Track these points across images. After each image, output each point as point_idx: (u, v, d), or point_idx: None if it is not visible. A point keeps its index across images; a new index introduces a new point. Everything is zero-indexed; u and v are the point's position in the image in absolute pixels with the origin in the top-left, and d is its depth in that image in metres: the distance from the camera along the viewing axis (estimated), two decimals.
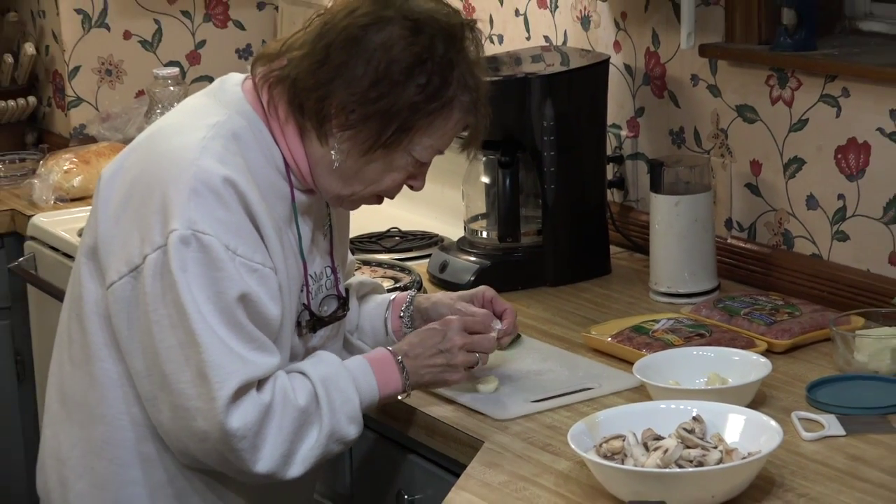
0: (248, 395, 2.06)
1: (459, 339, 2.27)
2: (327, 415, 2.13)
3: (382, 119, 2.11)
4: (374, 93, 2.10)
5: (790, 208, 2.81)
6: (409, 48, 2.10)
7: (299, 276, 2.21)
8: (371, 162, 2.16)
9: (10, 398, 3.75)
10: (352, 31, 2.11)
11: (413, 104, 2.11)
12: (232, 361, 2.04)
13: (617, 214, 3.09)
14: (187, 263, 2.04)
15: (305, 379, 2.14)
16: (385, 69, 2.10)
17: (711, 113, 2.93)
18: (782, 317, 2.58)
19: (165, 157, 2.12)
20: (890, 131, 2.61)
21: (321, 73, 2.11)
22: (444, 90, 2.13)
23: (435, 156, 2.21)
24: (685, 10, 2.82)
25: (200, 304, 2.04)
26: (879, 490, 2.01)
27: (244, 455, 2.07)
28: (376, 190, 2.21)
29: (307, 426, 2.12)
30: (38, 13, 4.11)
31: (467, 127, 2.21)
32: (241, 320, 2.07)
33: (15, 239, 3.65)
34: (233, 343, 2.05)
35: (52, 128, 4.14)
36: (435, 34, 2.12)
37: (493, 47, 3.38)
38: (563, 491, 2.05)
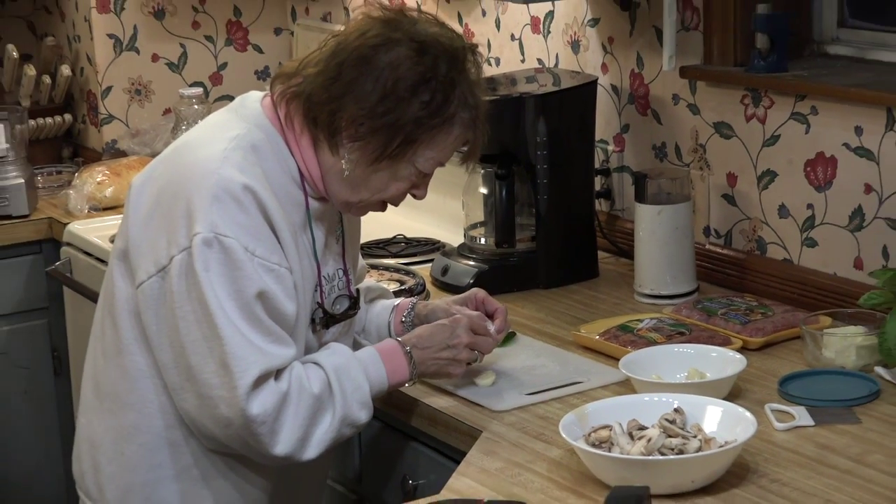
0: (266, 384, 2.07)
1: (466, 337, 2.29)
2: (340, 401, 2.13)
3: (389, 132, 2.12)
4: (382, 107, 2.10)
5: (763, 217, 2.81)
6: (414, 67, 2.11)
7: (313, 276, 2.21)
8: (378, 171, 2.16)
9: (48, 390, 3.75)
10: (363, 51, 2.12)
11: (417, 119, 2.12)
12: (252, 353, 2.05)
13: (604, 222, 3.10)
14: (210, 263, 2.05)
15: (319, 368, 2.14)
16: (392, 86, 2.10)
17: (691, 129, 2.93)
18: (756, 317, 2.58)
19: (190, 168, 2.12)
20: (855, 146, 2.61)
21: (334, 88, 2.12)
22: (446, 107, 2.13)
23: (436, 168, 2.21)
24: (667, 35, 2.83)
25: (222, 300, 2.05)
26: (845, 476, 2.02)
27: (264, 439, 2.07)
28: (382, 197, 2.21)
29: (321, 412, 2.12)
30: (73, 38, 4.11)
31: (467, 142, 2.21)
32: (259, 315, 2.07)
33: (52, 245, 3.65)
34: (252, 336, 2.06)
35: (87, 143, 4.15)
36: (439, 55, 2.13)
37: (491, 69, 3.38)
38: (555, 476, 2.05)
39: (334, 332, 2.28)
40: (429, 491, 2.18)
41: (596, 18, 3.11)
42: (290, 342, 2.13)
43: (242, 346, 2.05)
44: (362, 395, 2.16)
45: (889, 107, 2.53)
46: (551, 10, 3.21)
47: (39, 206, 3.75)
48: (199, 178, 2.09)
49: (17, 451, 3.73)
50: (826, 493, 1.97)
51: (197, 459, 2.18)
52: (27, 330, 3.71)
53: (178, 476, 2.19)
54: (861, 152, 2.60)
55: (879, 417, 2.21)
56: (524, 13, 3.28)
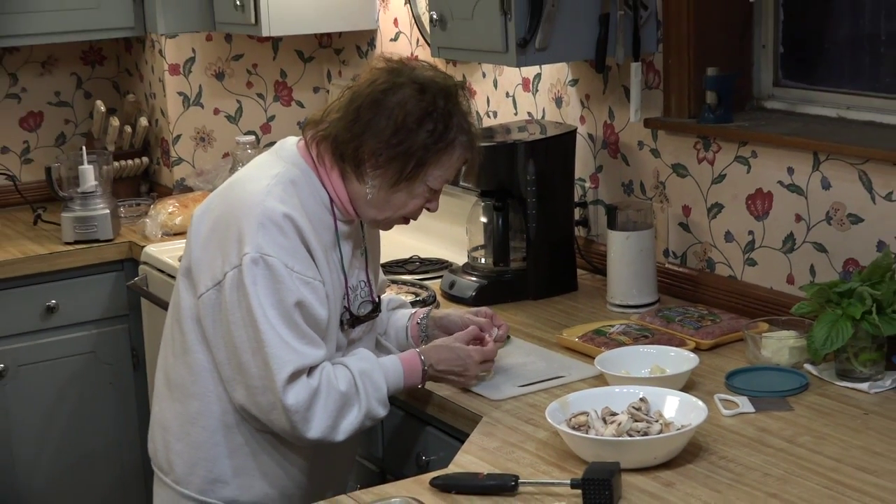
0: (300, 380, 2.07)
1: (474, 370, 2.30)
2: (364, 399, 2.14)
3: (403, 158, 2.13)
4: (395, 139, 2.12)
5: (712, 241, 2.81)
6: (418, 104, 2.13)
7: (341, 286, 2.21)
8: (397, 192, 2.17)
9: (128, 382, 3.75)
10: (375, 96, 2.14)
11: (425, 145, 2.13)
12: (288, 353, 2.06)
13: (582, 246, 3.09)
14: (256, 278, 2.06)
15: (346, 370, 2.15)
16: (402, 121, 2.12)
17: (653, 170, 2.93)
18: (706, 323, 2.58)
19: (240, 200, 2.13)
20: (787, 183, 2.60)
21: (355, 128, 2.13)
22: (448, 133, 2.15)
23: (444, 185, 2.22)
24: (633, 93, 2.83)
25: (265, 308, 2.06)
26: (780, 453, 2.01)
27: (298, 425, 2.08)
28: (403, 213, 2.22)
29: (348, 406, 2.12)
30: (150, 95, 4.12)
31: (467, 160, 2.22)
32: (296, 321, 2.08)
33: (132, 263, 3.66)
34: (289, 339, 2.06)
35: (160, 180, 4.15)
36: (436, 93, 2.14)
37: (489, 120, 3.38)
38: (542, 454, 2.05)
39: (359, 331, 2.28)
40: (439, 465, 2.17)
41: (575, 79, 3.11)
42: (322, 344, 2.13)
43: (280, 348, 2.06)
44: (381, 395, 2.17)
45: (815, 151, 2.53)
46: (539, 73, 3.21)
47: (122, 232, 3.76)
48: (247, 209, 2.10)
49: (103, 430, 3.73)
50: (764, 468, 1.96)
51: (247, 439, 2.18)
52: (111, 333, 3.71)
53: (231, 453, 2.19)
54: (792, 188, 2.60)
55: (808, 405, 2.21)
56: (517, 75, 3.28)
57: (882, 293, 2.26)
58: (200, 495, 2.21)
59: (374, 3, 3.78)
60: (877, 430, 2.08)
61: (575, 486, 1.87)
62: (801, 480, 1.91)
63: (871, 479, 1.90)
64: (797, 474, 1.93)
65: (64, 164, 3.71)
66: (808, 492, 1.87)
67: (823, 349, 2.25)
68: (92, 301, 3.68)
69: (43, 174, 3.86)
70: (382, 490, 1.98)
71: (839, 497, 1.85)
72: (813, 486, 1.89)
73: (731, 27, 2.80)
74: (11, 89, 4.15)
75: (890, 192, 2.40)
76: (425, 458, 2.40)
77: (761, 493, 1.88)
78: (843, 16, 2.71)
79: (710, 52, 2.77)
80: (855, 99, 2.65)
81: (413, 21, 3.64)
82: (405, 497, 1.91)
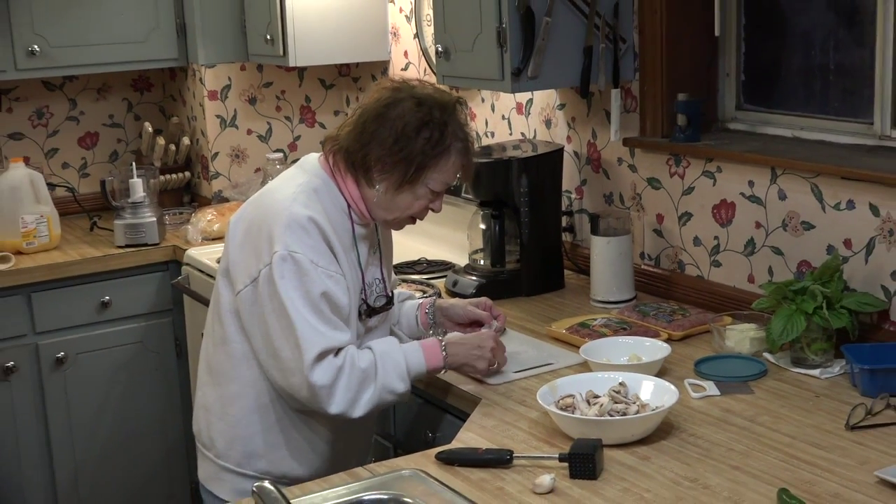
0: (326, 359, 2.07)
1: (491, 342, 2.27)
2: (381, 374, 2.12)
3: (405, 163, 2.12)
4: (397, 147, 2.11)
5: (683, 245, 2.80)
6: (415, 115, 2.11)
7: (359, 281, 2.20)
8: (402, 194, 2.16)
9: (172, 369, 3.75)
10: (379, 110, 2.13)
11: (423, 151, 2.12)
12: (315, 336, 2.05)
13: (569, 249, 3.08)
14: (285, 273, 2.06)
15: (370, 351, 2.14)
16: (402, 130, 2.11)
17: (631, 183, 2.92)
18: (678, 317, 2.57)
19: (269, 207, 2.13)
20: (748, 195, 2.60)
21: (362, 139, 2.13)
22: (443, 140, 2.13)
23: (444, 188, 2.18)
24: (614, 116, 2.83)
25: (294, 299, 2.06)
26: (742, 431, 2.01)
27: (323, 400, 2.07)
28: (409, 213, 2.20)
29: (367, 381, 2.11)
30: (191, 117, 4.12)
31: (464, 165, 2.19)
32: (322, 308, 2.07)
33: (176, 265, 3.65)
34: (316, 324, 2.06)
35: (200, 192, 4.15)
36: (433, 106, 2.13)
37: (487, 139, 3.38)
38: (534, 431, 2.04)
39: (375, 320, 2.27)
40: (443, 441, 2.17)
41: (563, 104, 3.10)
42: (346, 329, 2.12)
43: (308, 331, 2.05)
44: (400, 370, 2.14)
45: (773, 167, 2.52)
46: (531, 98, 3.20)
47: (167, 237, 3.75)
48: (275, 214, 2.10)
49: (149, 411, 3.73)
50: (728, 444, 1.96)
51: (279, 419, 2.18)
52: (157, 325, 3.71)
53: (264, 430, 2.19)
54: (753, 199, 2.59)
55: (767, 389, 2.20)
56: (511, 100, 3.27)
57: (831, 291, 2.26)
58: (238, 467, 2.21)
59: (386, 37, 3.78)
60: (827, 411, 2.08)
61: (563, 460, 1.86)
62: (761, 455, 1.91)
63: (822, 454, 1.90)
64: (757, 449, 1.93)
65: (116, 178, 3.71)
66: (766, 465, 1.87)
67: (780, 340, 2.25)
68: (140, 297, 3.68)
69: (98, 187, 3.86)
70: (394, 463, 1.98)
71: (794, 469, 1.85)
72: (771, 460, 1.88)
73: (698, 58, 2.79)
74: (71, 112, 4.15)
75: (838, 203, 2.40)
76: (432, 435, 2.39)
77: (726, 465, 1.87)
78: (797, 48, 2.71)
79: (681, 79, 2.77)
80: (808, 121, 2.65)
81: (421, 53, 3.64)
82: (414, 469, 1.91)
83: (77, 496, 3.64)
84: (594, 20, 2.72)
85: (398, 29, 3.74)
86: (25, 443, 3.55)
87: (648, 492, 1.79)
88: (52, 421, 3.57)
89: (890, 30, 2.40)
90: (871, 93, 2.48)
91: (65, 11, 3.72)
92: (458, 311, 2.42)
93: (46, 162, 4.11)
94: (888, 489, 1.75)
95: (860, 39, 2.53)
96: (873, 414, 1.99)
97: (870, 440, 1.93)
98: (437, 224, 3.46)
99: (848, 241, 2.38)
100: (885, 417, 1.99)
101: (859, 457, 1.87)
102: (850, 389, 2.17)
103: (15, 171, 3.59)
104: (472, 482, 1.86)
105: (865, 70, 2.51)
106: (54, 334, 3.55)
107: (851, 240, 2.38)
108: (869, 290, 2.33)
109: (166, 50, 3.89)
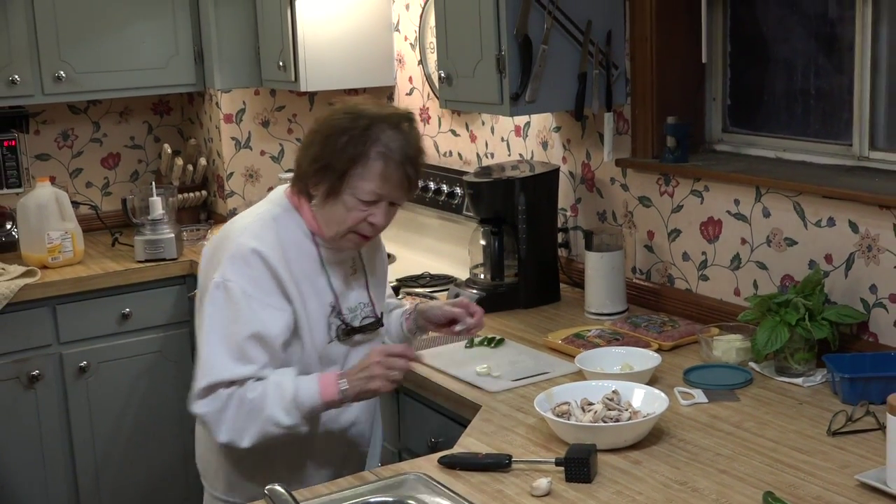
0: (217, 391, 1.97)
1: (378, 369, 2.03)
2: (269, 406, 1.97)
3: (326, 172, 2.01)
4: (319, 156, 2.02)
5: (672, 260, 2.80)
6: (339, 124, 2.01)
7: (327, 306, 2.08)
8: (332, 205, 2.03)
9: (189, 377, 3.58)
10: (317, 128, 2.05)
11: (340, 157, 2.00)
12: (216, 366, 1.96)
13: (564, 264, 3.08)
14: (215, 299, 1.99)
15: (264, 381, 1.99)
16: (323, 139, 2.02)
17: (623, 201, 2.92)
18: (667, 328, 2.57)
19: (226, 236, 2.09)
20: (734, 213, 2.59)
21: (300, 157, 2.07)
22: (360, 146, 1.99)
23: (372, 197, 2.02)
24: (607, 137, 2.83)
25: (213, 326, 1.98)
26: (729, 436, 2.00)
27: (211, 429, 1.99)
28: (346, 226, 2.04)
29: (254, 413, 1.97)
30: (208, 139, 4.13)
31: (384, 175, 2.01)
32: (238, 340, 1.97)
33: (192, 278, 3.64)
34: (223, 353, 1.97)
35: (216, 210, 4.15)
36: (363, 116, 2.01)
37: (487, 160, 3.38)
38: (531, 437, 2.04)
39: (359, 338, 2.15)
40: (445, 446, 2.16)
41: (559, 126, 3.10)
42: (257, 360, 1.98)
43: (211, 360, 1.97)
44: (286, 403, 1.97)
45: (757, 186, 2.52)
46: (528, 121, 3.21)
47: (184, 252, 3.75)
48: (227, 243, 2.05)
49: (167, 416, 3.71)
50: (715, 449, 1.95)
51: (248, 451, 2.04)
52: (175, 336, 3.70)
53: (237, 461, 2.12)
54: (738, 217, 2.59)
55: (752, 397, 2.19)
56: (510, 123, 3.28)
57: (813, 303, 2.25)
58: (225, 496, 2.16)
59: (392, 63, 3.78)
60: (809, 418, 2.07)
61: (559, 464, 1.86)
62: (747, 459, 1.90)
63: (804, 458, 1.89)
64: (743, 454, 1.92)
65: (137, 196, 3.71)
66: (752, 468, 1.86)
67: (765, 350, 2.24)
68: (159, 309, 3.67)
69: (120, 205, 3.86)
70: (398, 467, 1.97)
71: (778, 473, 1.84)
72: (756, 464, 1.88)
73: (686, 83, 2.80)
74: (95, 135, 4.16)
75: (819, 220, 2.39)
76: (434, 441, 2.39)
77: (713, 469, 1.86)
78: (780, 74, 2.71)
79: (670, 103, 2.77)
80: (790, 143, 2.65)
81: (424, 78, 3.64)
82: (417, 472, 1.90)
83: (98, 498, 3.63)
84: (588, 48, 2.73)
85: (403, 56, 3.75)
86: (49, 447, 3.54)
87: (640, 494, 1.78)
88: (74, 426, 3.57)
89: (868, 57, 2.41)
90: (849, 116, 2.48)
91: (90, 39, 3.73)
92: (435, 312, 2.30)
93: (71, 181, 4.11)
94: (868, 492, 1.75)
95: (839, 66, 2.53)
96: (853, 420, 1.99)
97: (850, 445, 1.93)
98: (440, 240, 3.47)
99: (829, 257, 2.38)
100: (864, 424, 1.98)
101: (840, 461, 1.87)
102: (832, 397, 2.16)
103: (41, 189, 3.59)
104: (472, 485, 1.85)
105: (844, 95, 2.51)
106: (77, 344, 3.54)
107: (832, 255, 2.37)
108: (849, 303, 2.32)
109: (185, 76, 3.90)
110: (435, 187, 3.42)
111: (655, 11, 2.72)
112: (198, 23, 3.88)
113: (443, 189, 3.39)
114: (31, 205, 3.57)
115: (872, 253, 2.29)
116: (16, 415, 3.48)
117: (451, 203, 3.36)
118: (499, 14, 2.61)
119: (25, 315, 3.44)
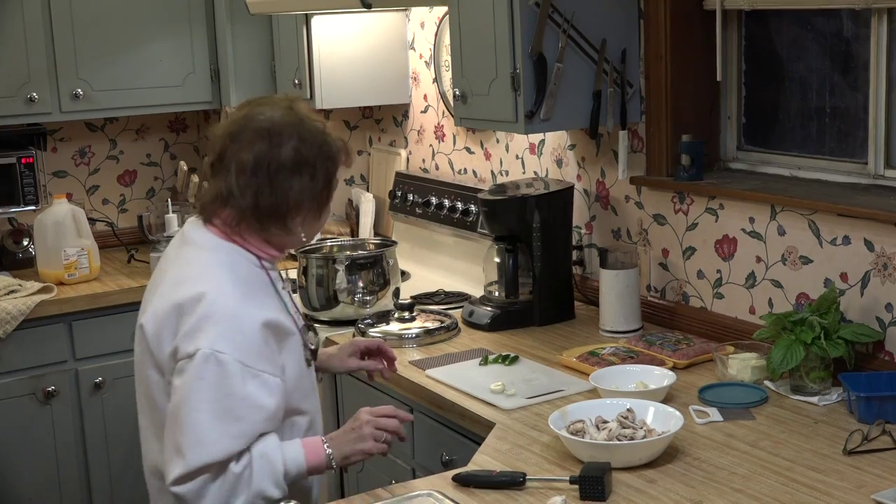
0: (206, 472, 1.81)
1: (368, 428, 1.97)
2: (256, 479, 1.83)
3: (314, 199, 1.94)
4: (305, 188, 1.92)
5: (687, 278, 2.80)
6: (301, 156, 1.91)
7: (298, 336, 1.96)
8: (321, 216, 1.97)
9: None
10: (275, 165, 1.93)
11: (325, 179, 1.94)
12: (206, 443, 1.80)
13: (579, 281, 3.08)
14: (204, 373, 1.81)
15: (248, 453, 1.84)
16: (289, 174, 1.91)
17: (637, 219, 2.92)
18: (682, 346, 2.56)
19: (195, 299, 1.88)
20: (749, 231, 2.60)
21: (270, 192, 1.93)
22: (331, 165, 1.95)
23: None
24: (621, 155, 2.83)
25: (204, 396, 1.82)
26: (744, 455, 2.00)
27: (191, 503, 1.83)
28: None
29: (239, 486, 1.82)
30: None
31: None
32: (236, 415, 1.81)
33: None
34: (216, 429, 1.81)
35: None
36: (304, 140, 1.91)
37: (502, 178, 3.39)
38: (546, 455, 2.04)
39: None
40: (459, 464, 2.16)
41: (573, 144, 3.11)
42: (251, 436, 1.83)
43: (201, 437, 1.81)
44: (276, 475, 1.85)
45: (772, 204, 2.52)
46: (543, 139, 3.22)
47: None
48: (198, 307, 1.86)
49: None
50: (731, 468, 1.94)
51: None
52: None
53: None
54: (753, 235, 2.59)
55: (768, 416, 2.19)
56: (525, 141, 3.29)
57: (829, 322, 2.25)
58: None
59: (407, 81, 3.80)
60: (825, 436, 2.06)
61: (573, 482, 1.86)
62: (762, 478, 1.89)
63: (820, 477, 1.88)
64: (758, 473, 1.92)
65: (153, 213, 3.74)
66: (767, 487, 1.86)
67: (780, 368, 2.24)
68: None
69: (136, 221, 3.89)
70: (412, 484, 1.97)
71: (793, 492, 1.83)
72: (772, 483, 1.87)
73: (701, 102, 2.80)
74: (111, 152, 4.19)
75: (835, 238, 2.39)
76: (448, 458, 2.39)
77: (728, 488, 1.86)
78: (794, 93, 2.71)
79: (685, 122, 2.78)
80: (805, 161, 2.65)
81: (439, 96, 3.66)
82: (431, 490, 1.90)
83: None
84: (603, 66, 2.74)
85: (418, 74, 3.77)
86: (64, 463, 3.55)
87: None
88: (90, 442, 3.58)
89: (883, 75, 2.41)
90: (865, 134, 2.48)
91: (107, 57, 3.77)
92: (333, 362, 2.21)
93: (88, 198, 4.14)
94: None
95: (854, 84, 2.54)
96: (870, 440, 1.98)
97: (866, 465, 1.92)
98: (455, 258, 3.47)
99: (844, 275, 2.38)
100: (880, 443, 1.98)
101: (856, 480, 1.86)
102: (848, 416, 2.15)
103: (58, 206, 3.62)
104: (486, 503, 1.85)
105: (859, 113, 2.51)
106: (93, 360, 3.56)
107: (847, 273, 2.37)
108: (865, 322, 2.32)
109: (201, 93, 3.93)
110: (450, 205, 3.43)
111: (670, 30, 2.73)
112: (214, 41, 3.92)
113: (457, 206, 3.40)
114: (48, 221, 3.60)
115: (888, 271, 2.29)
116: (31, 431, 3.50)
117: (465, 220, 3.37)
118: (514, 32, 2.63)
119: (41, 331, 3.46)
